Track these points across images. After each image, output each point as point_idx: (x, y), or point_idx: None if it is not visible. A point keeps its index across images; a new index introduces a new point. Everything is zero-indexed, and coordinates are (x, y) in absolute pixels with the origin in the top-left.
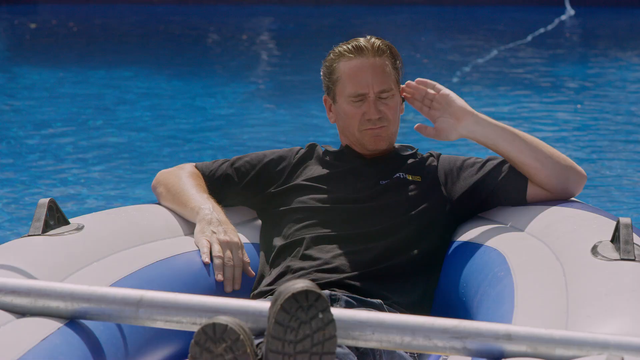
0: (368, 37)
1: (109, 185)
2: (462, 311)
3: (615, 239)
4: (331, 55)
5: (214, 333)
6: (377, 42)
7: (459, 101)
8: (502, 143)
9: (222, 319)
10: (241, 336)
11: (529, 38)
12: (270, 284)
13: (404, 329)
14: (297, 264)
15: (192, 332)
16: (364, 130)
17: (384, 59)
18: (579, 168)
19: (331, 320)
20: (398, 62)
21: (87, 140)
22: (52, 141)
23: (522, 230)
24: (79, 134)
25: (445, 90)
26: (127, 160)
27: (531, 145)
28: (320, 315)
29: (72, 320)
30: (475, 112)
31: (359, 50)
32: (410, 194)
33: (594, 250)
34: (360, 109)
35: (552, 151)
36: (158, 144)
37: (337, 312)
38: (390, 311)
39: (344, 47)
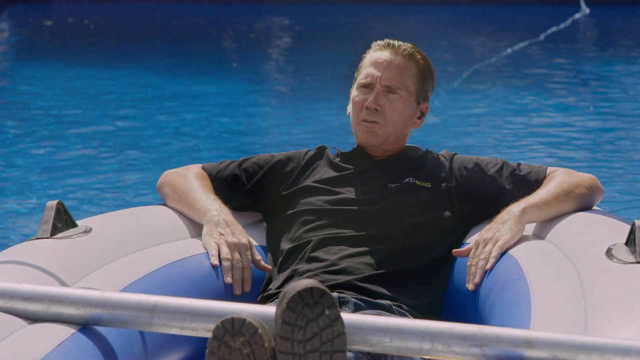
0: (410, 43)
1: (118, 184)
2: (473, 314)
3: (630, 241)
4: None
5: (233, 327)
6: (411, 47)
7: (511, 237)
8: (551, 215)
9: (242, 314)
10: (259, 330)
11: (542, 37)
12: (278, 288)
13: (423, 335)
14: (304, 266)
15: (206, 337)
16: (361, 121)
17: (408, 62)
18: (600, 185)
19: (338, 317)
20: (427, 78)
21: (100, 138)
22: (64, 138)
23: (533, 234)
24: (93, 132)
25: (494, 251)
26: (137, 159)
27: (568, 198)
28: (327, 312)
29: (85, 326)
30: (522, 219)
31: (387, 45)
32: (419, 199)
33: (609, 253)
34: (364, 96)
35: (581, 184)
36: (168, 143)
37: (352, 317)
38: (399, 313)
39: (379, 41)
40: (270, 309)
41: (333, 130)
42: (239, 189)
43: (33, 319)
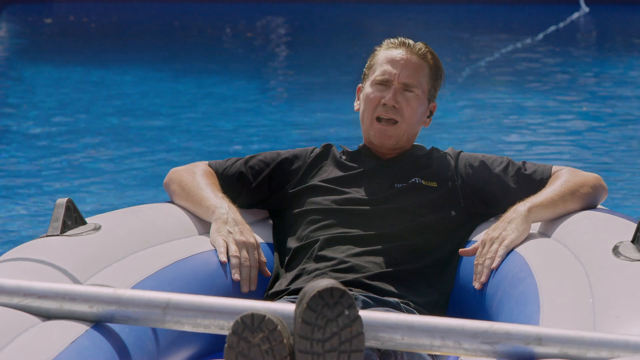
0: (422, 42)
1: (123, 183)
2: (480, 311)
3: (636, 239)
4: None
5: (252, 323)
6: (424, 47)
7: (518, 236)
8: (557, 214)
9: (261, 310)
10: (279, 326)
11: (541, 36)
12: (286, 286)
13: (434, 332)
14: (311, 265)
15: (219, 334)
16: (375, 119)
17: (423, 61)
18: (604, 184)
19: (357, 317)
20: (438, 77)
21: (101, 136)
22: (64, 137)
23: (539, 232)
24: (93, 129)
25: (500, 250)
26: (139, 157)
27: (573, 197)
28: (347, 312)
29: (98, 323)
30: (529, 218)
31: (402, 44)
32: (425, 199)
33: (616, 250)
34: (380, 94)
35: (586, 183)
36: (169, 142)
37: (364, 314)
38: (406, 310)
39: (392, 39)
40: (287, 306)
41: (334, 130)
42: (245, 186)
43: (46, 316)
